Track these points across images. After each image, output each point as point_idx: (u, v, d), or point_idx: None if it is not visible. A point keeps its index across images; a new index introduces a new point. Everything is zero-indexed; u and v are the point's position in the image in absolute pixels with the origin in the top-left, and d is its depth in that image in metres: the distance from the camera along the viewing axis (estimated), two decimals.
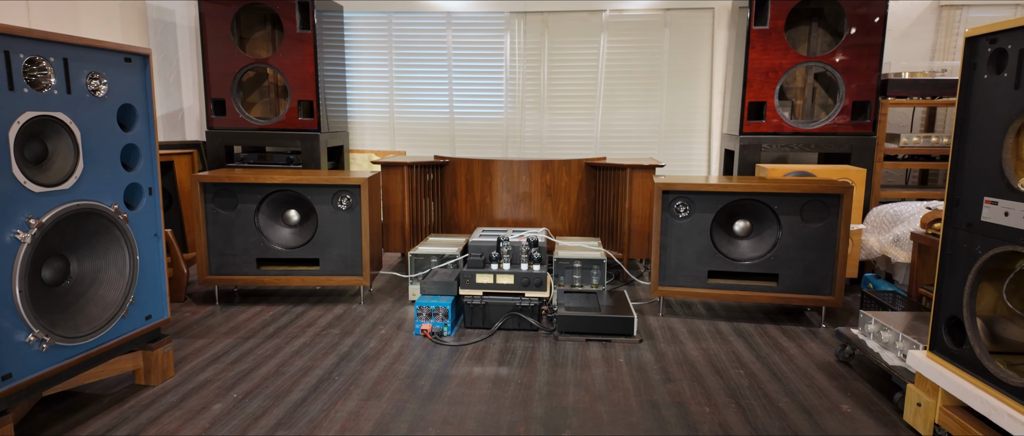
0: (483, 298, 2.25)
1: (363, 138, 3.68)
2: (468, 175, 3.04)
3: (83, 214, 1.52)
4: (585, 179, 3.04)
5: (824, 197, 2.26)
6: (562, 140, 3.57)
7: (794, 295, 2.32)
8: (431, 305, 2.19)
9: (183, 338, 2.18)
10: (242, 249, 2.51)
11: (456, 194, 3.09)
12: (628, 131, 3.53)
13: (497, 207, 3.03)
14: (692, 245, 2.37)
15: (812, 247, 2.29)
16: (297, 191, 2.49)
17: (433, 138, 3.64)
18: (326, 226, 2.50)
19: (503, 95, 3.56)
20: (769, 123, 2.91)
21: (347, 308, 2.52)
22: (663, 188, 2.35)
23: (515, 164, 2.98)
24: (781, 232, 2.31)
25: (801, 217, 2.29)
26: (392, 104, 3.63)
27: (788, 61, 2.86)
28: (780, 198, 2.29)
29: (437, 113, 3.62)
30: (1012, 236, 1.28)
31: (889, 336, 1.80)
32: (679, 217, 2.38)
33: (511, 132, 3.59)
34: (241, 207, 2.48)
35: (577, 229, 3.07)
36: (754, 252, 2.37)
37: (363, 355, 2.02)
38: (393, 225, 2.99)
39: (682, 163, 3.54)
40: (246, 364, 1.95)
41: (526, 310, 2.25)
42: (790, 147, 2.92)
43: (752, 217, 2.38)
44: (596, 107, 3.53)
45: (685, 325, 2.34)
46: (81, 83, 1.49)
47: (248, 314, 2.44)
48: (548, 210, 3.02)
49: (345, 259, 2.52)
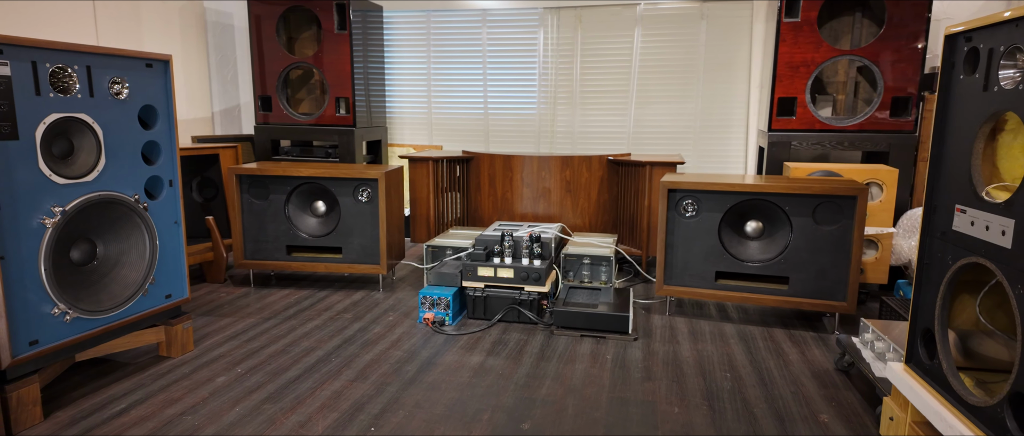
0: (484, 290, 2.33)
1: (403, 133, 3.83)
2: (491, 170, 3.12)
3: (105, 203, 1.72)
4: (606, 175, 3.04)
5: (838, 199, 2.17)
6: (594, 136, 3.58)
7: (804, 300, 2.25)
8: (434, 295, 2.29)
9: (213, 316, 2.40)
10: (273, 236, 2.71)
11: (480, 188, 3.18)
12: (662, 127, 3.49)
13: (517, 202, 3.09)
14: (699, 245, 2.34)
15: (825, 251, 2.21)
16: (322, 184, 2.66)
17: (468, 133, 3.74)
18: (348, 217, 2.66)
19: (536, 91, 3.60)
20: (800, 119, 2.80)
21: (366, 295, 2.67)
22: (669, 186, 2.33)
23: (535, 160, 3.03)
24: (793, 234, 2.24)
25: (814, 219, 2.21)
26: (430, 100, 3.76)
27: (821, 55, 2.73)
28: (791, 199, 2.22)
29: (472, 109, 3.71)
30: (977, 247, 1.21)
31: (882, 346, 1.73)
32: (686, 216, 2.35)
33: (543, 127, 3.63)
34: (272, 197, 2.68)
35: (597, 225, 3.08)
36: (764, 254, 2.30)
37: (365, 339, 2.15)
38: (419, 217, 3.11)
39: (718, 160, 3.46)
40: (259, 342, 2.12)
41: (525, 304, 2.30)
42: (822, 145, 2.80)
43: (763, 218, 2.32)
44: (629, 102, 3.50)
45: (688, 325, 2.32)
46: (103, 87, 1.68)
47: (276, 297, 2.64)
48: (567, 206, 3.05)
49: (365, 248, 2.67)
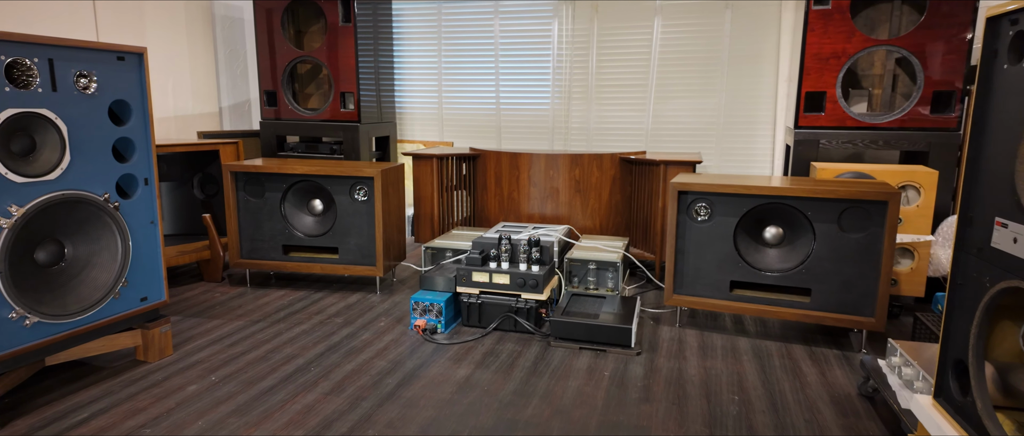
0: (479, 297, 2.20)
1: (413, 128, 3.72)
2: (497, 168, 2.98)
3: (72, 202, 1.64)
4: (618, 175, 2.87)
5: (866, 204, 1.96)
6: (610, 132, 3.40)
7: (827, 314, 2.05)
8: (426, 301, 2.17)
9: (203, 317, 2.32)
10: (269, 235, 2.63)
11: (486, 187, 3.04)
12: (682, 123, 3.29)
13: (524, 202, 2.94)
14: (712, 251, 2.16)
15: (851, 260, 2.00)
16: (317, 181, 2.56)
17: (480, 129, 3.61)
18: (344, 216, 2.55)
19: (549, 85, 3.45)
20: (829, 116, 2.58)
21: (362, 297, 2.57)
22: (680, 188, 2.16)
23: (543, 158, 2.87)
24: (816, 242, 2.04)
25: (839, 226, 2.01)
26: (441, 95, 3.64)
27: (853, 46, 2.50)
28: (814, 203, 2.02)
29: (484, 104, 3.57)
30: (1020, 268, 1.02)
31: (910, 373, 1.53)
32: (698, 220, 2.17)
33: (557, 123, 3.47)
34: (268, 195, 2.60)
35: (608, 228, 2.91)
36: (784, 263, 2.11)
37: (350, 347, 2.04)
38: (423, 216, 3.00)
39: (743, 159, 3.25)
40: (241, 347, 2.04)
41: (522, 312, 2.16)
42: (854, 143, 2.57)
43: (783, 224, 2.12)
44: (647, 97, 3.32)
45: (699, 338, 2.15)
46: (68, 81, 1.60)
47: (270, 298, 2.55)
48: (577, 206, 2.89)
49: (362, 249, 2.56)
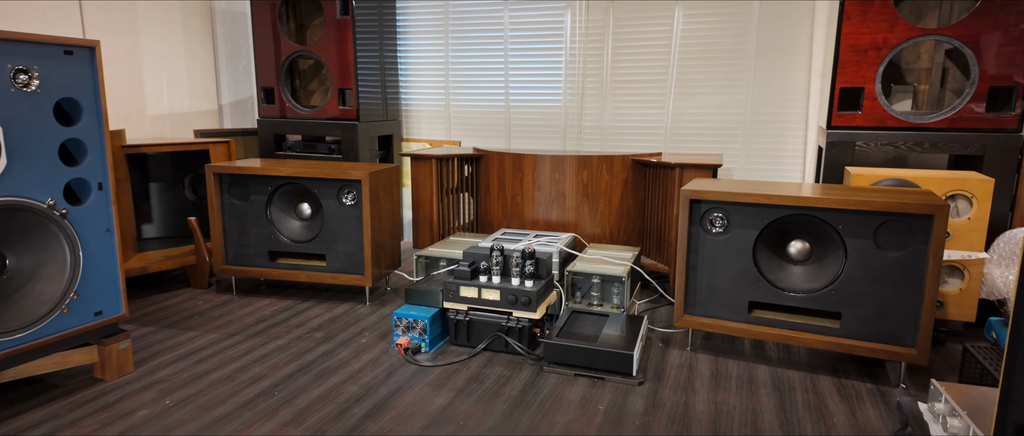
0: (467, 314, 2.00)
1: (419, 127, 3.55)
2: (500, 170, 2.78)
3: (10, 210, 1.51)
4: (631, 178, 2.64)
5: (907, 218, 1.70)
6: (626, 131, 3.17)
7: (860, 343, 1.79)
8: (410, 317, 1.99)
9: (178, 328, 2.19)
10: (255, 241, 2.48)
11: (489, 190, 2.85)
12: (705, 121, 3.04)
13: (528, 206, 2.74)
14: (729, 267, 1.92)
15: (889, 282, 1.74)
16: (304, 184, 2.40)
17: (488, 128, 3.41)
18: (332, 221, 2.39)
19: (561, 82, 3.23)
20: (867, 114, 2.30)
21: (350, 309, 2.40)
22: (692, 196, 1.92)
23: (548, 159, 2.66)
24: (847, 260, 1.79)
25: (875, 242, 1.75)
26: (448, 92, 3.45)
27: (896, 36, 2.22)
28: (847, 216, 1.77)
29: (493, 101, 3.38)
30: None
31: (958, 426, 1.28)
32: (713, 232, 1.94)
33: (569, 122, 3.25)
34: (253, 198, 2.45)
35: (619, 236, 2.68)
36: (810, 282, 1.86)
37: (323, 368, 1.88)
38: (422, 221, 2.82)
39: (771, 163, 2.98)
40: (208, 364, 1.89)
41: (513, 332, 1.96)
42: (895, 146, 2.29)
43: (810, 238, 1.87)
44: (667, 94, 3.07)
45: (712, 365, 1.91)
46: (3, 77, 1.46)
47: (254, 307, 2.41)
48: (585, 212, 2.67)
49: (350, 257, 2.40)
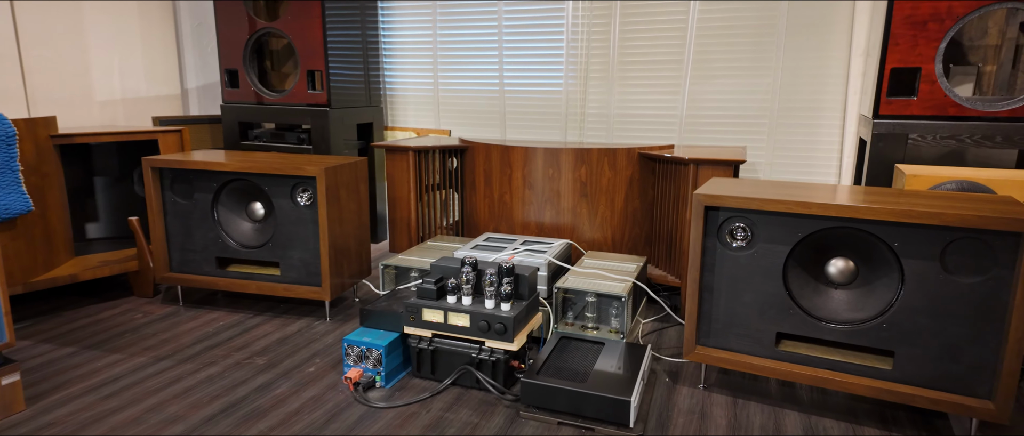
0: (432, 342, 1.66)
1: (405, 115, 3.20)
2: (486, 165, 2.43)
3: None
4: (636, 175, 2.26)
5: (986, 235, 1.32)
6: (635, 120, 2.79)
7: (918, 390, 1.42)
8: (363, 344, 1.65)
9: (103, 348, 1.88)
10: (201, 245, 2.16)
11: (475, 188, 2.49)
12: (726, 109, 2.64)
13: (518, 207, 2.38)
14: (753, 290, 1.56)
15: (959, 315, 1.36)
16: (253, 181, 2.07)
17: (481, 116, 3.06)
18: (285, 224, 2.06)
19: (562, 64, 2.85)
20: (924, 100, 1.90)
21: (306, 326, 2.07)
22: (707, 203, 1.55)
23: (540, 152, 2.30)
24: (904, 286, 1.41)
25: (942, 264, 1.37)
26: (436, 75, 3.09)
27: (963, 5, 1.82)
28: (904, 230, 1.39)
29: (486, 86, 3.01)
30: None
31: None
32: (734, 247, 1.57)
33: (571, 109, 2.88)
34: (198, 196, 2.13)
35: (622, 242, 2.32)
36: (855, 311, 1.49)
37: (253, 407, 1.55)
38: (399, 222, 2.48)
39: (802, 158, 2.58)
40: (118, 401, 1.57)
41: (485, 365, 1.61)
42: (957, 139, 1.89)
43: (856, 256, 1.49)
44: (682, 77, 2.68)
45: (729, 410, 1.55)
46: None
47: (197, 323, 2.09)
48: (583, 215, 2.30)
49: (307, 265, 2.07)
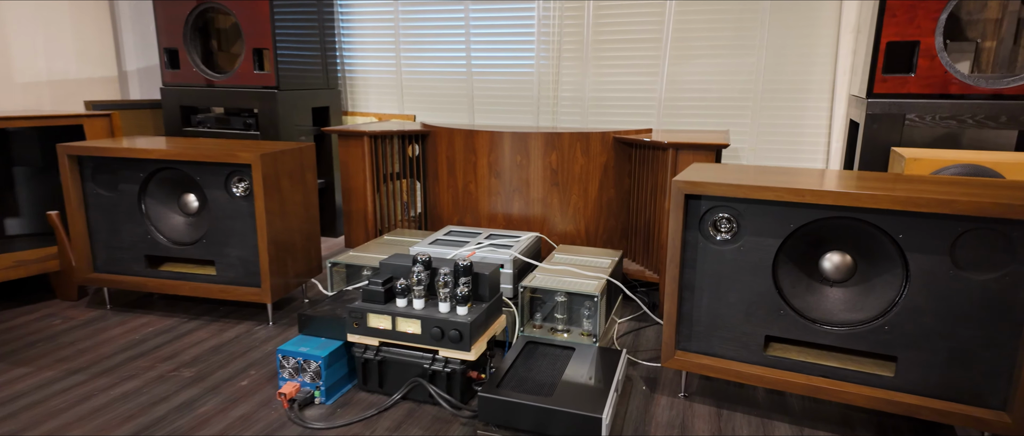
0: (379, 352, 1.47)
1: (367, 99, 2.98)
2: (449, 151, 2.23)
3: None
4: (612, 162, 2.08)
5: (1004, 225, 1.16)
6: (611, 103, 2.60)
7: (923, 401, 1.26)
8: (300, 355, 1.45)
9: (9, 361, 1.66)
10: (129, 242, 1.94)
11: (437, 176, 2.29)
12: (707, 90, 2.47)
13: (483, 198, 2.19)
14: (739, 289, 1.39)
15: (970, 316, 1.21)
16: (183, 169, 1.85)
17: (448, 100, 2.85)
18: (221, 218, 1.85)
19: (534, 43, 2.65)
20: (922, 77, 1.74)
21: (246, 331, 1.87)
22: (688, 191, 1.38)
23: (507, 137, 2.10)
24: (908, 283, 1.25)
25: (952, 259, 1.21)
26: (399, 56, 2.88)
27: None
28: (909, 220, 1.22)
29: (452, 68, 2.81)
30: None
31: None
32: (717, 240, 1.39)
33: (544, 92, 2.68)
34: (124, 187, 1.91)
35: (597, 234, 2.14)
36: (852, 311, 1.32)
37: (170, 430, 1.35)
38: (355, 214, 2.27)
39: (788, 141, 2.42)
40: (15, 424, 1.36)
41: (439, 377, 1.43)
42: (959, 119, 1.74)
43: (854, 250, 1.33)
44: (661, 56, 2.50)
45: (713, 423, 1.39)
46: None
47: (125, 329, 1.88)
48: (554, 205, 2.12)
49: (246, 264, 1.86)
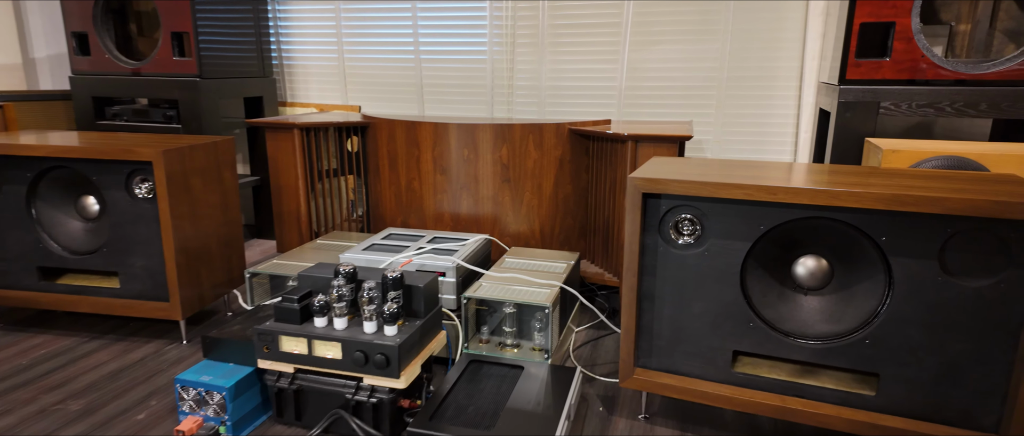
0: (294, 379, 1.27)
1: (307, 89, 2.76)
2: (390, 145, 2.03)
3: None
4: (569, 156, 1.91)
5: (997, 225, 1.02)
6: (570, 92, 2.43)
7: (909, 423, 1.12)
8: (201, 384, 1.24)
9: None
10: (17, 252, 1.69)
11: (379, 173, 2.09)
12: (671, 79, 2.32)
13: (429, 196, 1.99)
14: (704, 298, 1.23)
15: (961, 327, 1.07)
16: (77, 169, 1.61)
17: (395, 90, 2.64)
18: (122, 223, 1.62)
19: (486, 29, 2.46)
20: (898, 62, 1.61)
21: (155, 352, 1.64)
22: (645, 188, 1.21)
23: (453, 129, 1.91)
24: (892, 290, 1.10)
25: (941, 264, 1.06)
26: (341, 42, 2.65)
27: None
28: (894, 221, 1.08)
29: (399, 55, 2.60)
30: None
31: None
32: (680, 244, 1.23)
33: (498, 81, 2.50)
34: (8, 189, 1.66)
35: (553, 235, 1.97)
36: (830, 322, 1.17)
37: None
38: (287, 215, 2.06)
39: (754, 133, 2.28)
40: None
41: (364, 408, 1.24)
42: (937, 107, 1.61)
43: (831, 253, 1.18)
44: (621, 42, 2.34)
45: None
46: None
47: (10, 352, 1.64)
48: (505, 203, 1.93)
49: (153, 275, 1.63)
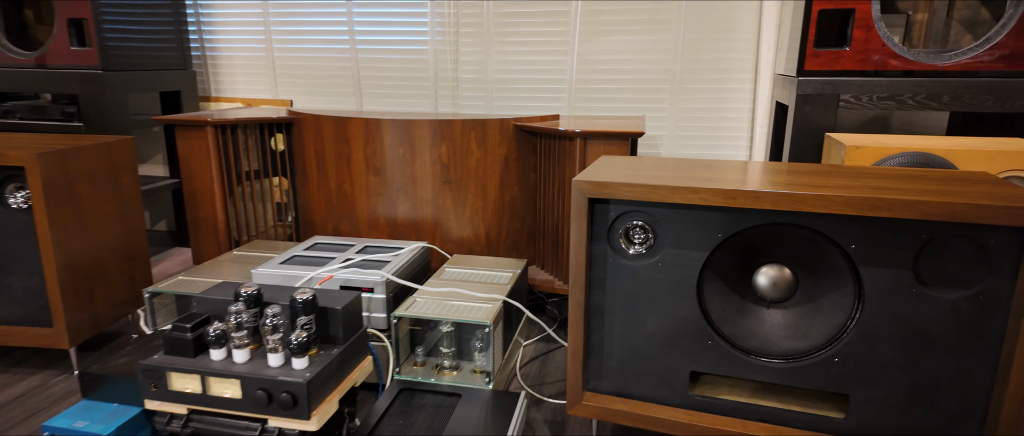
0: (187, 423, 1.09)
1: (233, 81, 2.53)
2: (318, 143, 1.84)
3: None
4: (515, 154, 1.76)
5: (976, 231, 0.91)
6: (517, 85, 2.28)
7: None
8: (75, 432, 1.05)
9: None
10: None
11: (306, 174, 1.90)
12: (623, 71, 2.19)
13: (362, 199, 1.82)
14: (658, 314, 1.10)
15: (937, 343, 0.97)
16: None
17: (330, 83, 2.44)
18: None
19: (428, 18, 2.29)
20: (858, 52, 1.52)
21: (40, 384, 1.43)
22: (592, 193, 1.07)
23: (386, 126, 1.74)
24: (863, 303, 0.99)
25: (915, 273, 0.96)
26: (268, 29, 2.44)
27: None
28: (865, 227, 0.96)
29: (333, 45, 2.40)
30: None
31: None
32: (630, 254, 1.10)
33: (441, 74, 2.33)
34: None
35: (500, 240, 1.82)
36: (795, 338, 1.06)
37: None
38: (202, 222, 1.85)
39: (709, 128, 2.18)
40: None
41: None
42: (898, 99, 1.53)
43: (796, 262, 1.07)
44: (571, 33, 2.20)
45: None
46: None
47: None
48: (446, 206, 1.77)
49: (35, 297, 1.42)
